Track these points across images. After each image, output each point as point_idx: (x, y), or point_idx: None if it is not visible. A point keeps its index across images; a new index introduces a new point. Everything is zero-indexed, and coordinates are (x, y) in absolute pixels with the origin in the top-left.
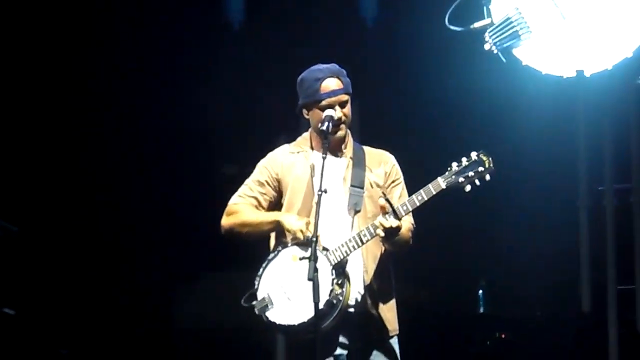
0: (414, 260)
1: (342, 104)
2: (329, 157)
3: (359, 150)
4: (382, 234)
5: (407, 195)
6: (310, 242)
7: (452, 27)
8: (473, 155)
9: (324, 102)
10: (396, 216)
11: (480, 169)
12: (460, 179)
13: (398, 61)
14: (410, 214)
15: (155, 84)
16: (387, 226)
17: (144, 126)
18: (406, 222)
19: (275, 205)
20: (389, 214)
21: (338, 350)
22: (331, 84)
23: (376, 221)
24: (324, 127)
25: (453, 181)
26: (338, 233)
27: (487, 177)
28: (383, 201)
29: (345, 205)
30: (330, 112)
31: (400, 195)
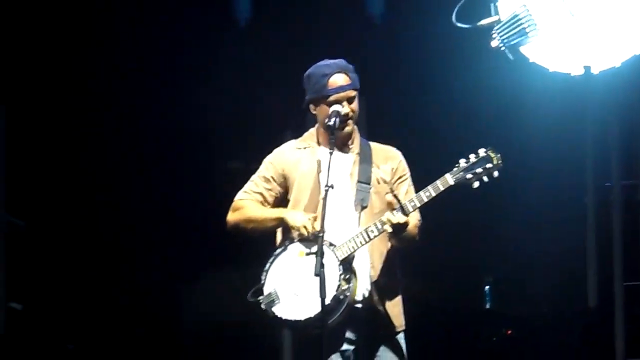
0: (421, 256)
1: (350, 100)
2: (336, 153)
3: (366, 146)
4: (390, 230)
5: (414, 191)
6: (316, 238)
7: (459, 24)
8: (481, 151)
9: (332, 98)
10: (404, 212)
11: (488, 166)
12: (468, 176)
13: (405, 58)
14: (417, 210)
15: (159, 82)
16: (395, 222)
17: (147, 124)
18: (413, 218)
19: (281, 201)
20: (397, 210)
21: (345, 345)
22: (339, 80)
23: (384, 217)
24: (331, 123)
25: (461, 178)
26: (344, 229)
27: (496, 174)
28: (391, 197)
29: (352, 201)
30: (337, 108)
31: (407, 191)
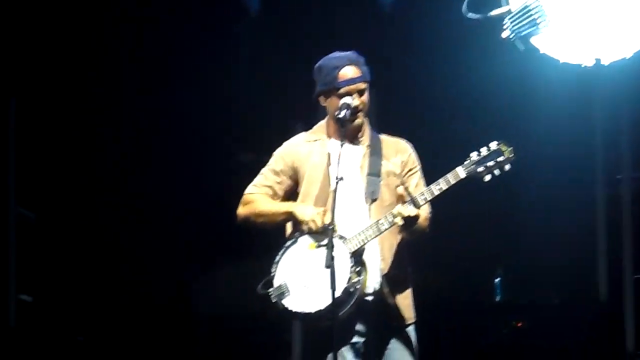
0: (431, 248)
1: (360, 92)
2: (346, 145)
3: (376, 138)
4: (401, 223)
5: (424, 183)
6: (327, 230)
7: (470, 15)
8: (493, 145)
9: (342, 90)
10: (415, 205)
11: (500, 159)
12: (479, 169)
13: (415, 49)
14: (427, 203)
15: (170, 73)
16: (406, 215)
17: (158, 116)
18: (423, 211)
19: (292, 194)
20: (408, 203)
21: (355, 338)
22: (349, 72)
23: (395, 210)
24: (342, 115)
25: (472, 171)
26: (355, 221)
27: (507, 167)
28: (402, 190)
29: (362, 193)
30: (347, 100)
31: (417, 183)
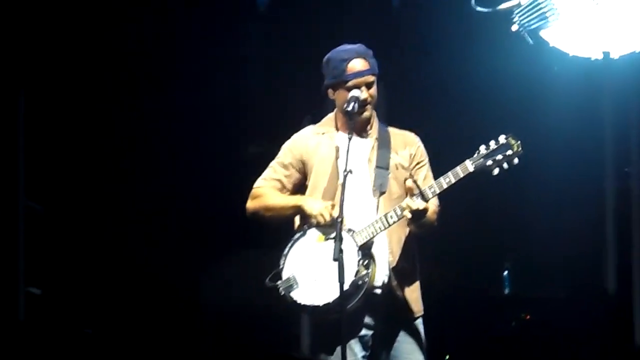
0: (439, 241)
1: (368, 85)
2: (354, 138)
3: (384, 131)
4: (409, 216)
5: (432, 176)
6: (335, 223)
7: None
8: (501, 138)
9: (350, 83)
10: (423, 198)
11: (508, 153)
12: (488, 162)
13: (424, 42)
14: (435, 196)
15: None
16: (414, 208)
17: (167, 108)
18: (432, 204)
19: (300, 187)
20: (416, 196)
21: (363, 331)
22: (357, 65)
23: (403, 203)
24: (350, 108)
25: (481, 164)
26: (363, 214)
27: (516, 161)
28: (410, 183)
29: (370, 186)
30: (356, 93)
31: (425, 176)
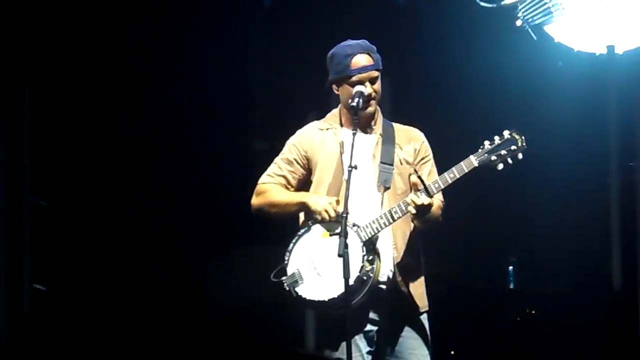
0: (444, 236)
1: (373, 80)
2: (359, 134)
3: (389, 126)
4: (414, 211)
5: (437, 172)
6: (340, 219)
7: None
8: (506, 133)
9: (354, 78)
10: (428, 193)
11: (512, 148)
12: (492, 157)
13: (429, 37)
14: (440, 191)
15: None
16: (419, 203)
17: (172, 105)
18: (436, 200)
19: (305, 182)
20: (421, 192)
21: (368, 326)
22: (362, 60)
23: (408, 198)
24: (354, 103)
25: (485, 159)
26: (367, 210)
27: (520, 156)
28: (415, 178)
29: (374, 182)
30: (360, 88)
31: (429, 172)
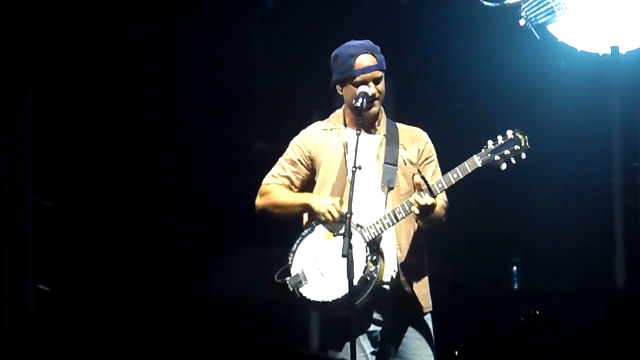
0: (448, 236)
1: (376, 80)
2: (363, 134)
3: (392, 127)
4: (417, 212)
5: (440, 172)
6: (344, 219)
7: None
8: (509, 133)
9: (358, 78)
10: (431, 193)
11: (516, 148)
12: (496, 157)
13: (432, 38)
14: (443, 191)
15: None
16: (422, 204)
17: (174, 104)
18: (440, 200)
19: (309, 183)
20: (424, 192)
21: (372, 327)
22: (365, 60)
23: (411, 198)
24: (358, 104)
25: (489, 159)
26: (371, 210)
27: (523, 156)
28: (418, 178)
29: (378, 182)
30: (364, 89)
31: (433, 172)
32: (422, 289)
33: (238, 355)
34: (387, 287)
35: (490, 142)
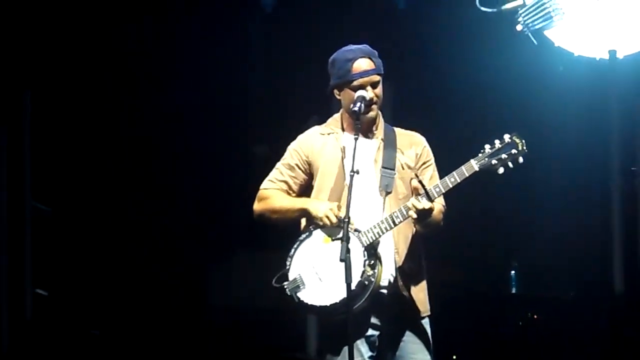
0: (446, 241)
1: (374, 85)
2: (361, 139)
3: (390, 131)
4: (415, 216)
5: (438, 176)
6: (341, 224)
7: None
8: (506, 137)
9: (356, 83)
10: (429, 198)
11: (513, 152)
12: (493, 162)
13: (429, 43)
14: (441, 196)
15: (185, 67)
16: (420, 208)
17: (172, 109)
18: (438, 204)
19: (306, 187)
20: (422, 196)
21: (370, 331)
22: (363, 65)
23: (409, 203)
24: (356, 108)
25: (486, 163)
26: (369, 214)
27: (521, 160)
28: (416, 182)
29: (376, 186)
30: (362, 93)
31: (431, 176)
32: (420, 293)
33: (237, 358)
34: (385, 292)
35: (487, 147)
